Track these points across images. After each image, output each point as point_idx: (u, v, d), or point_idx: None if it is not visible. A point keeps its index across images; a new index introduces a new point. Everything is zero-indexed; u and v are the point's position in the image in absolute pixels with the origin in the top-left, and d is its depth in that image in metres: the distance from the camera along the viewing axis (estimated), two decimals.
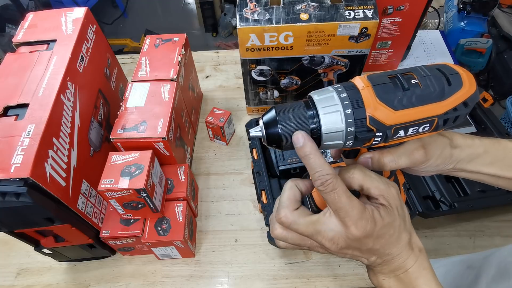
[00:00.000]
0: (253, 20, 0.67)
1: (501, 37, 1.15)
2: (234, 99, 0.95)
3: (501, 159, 0.37)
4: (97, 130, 0.67)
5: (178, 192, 0.66)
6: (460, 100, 0.30)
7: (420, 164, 0.36)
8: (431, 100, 0.29)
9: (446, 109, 0.30)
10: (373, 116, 0.29)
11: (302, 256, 0.68)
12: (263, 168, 0.70)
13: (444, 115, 0.30)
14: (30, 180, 0.45)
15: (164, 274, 0.68)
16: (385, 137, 0.31)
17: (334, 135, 0.30)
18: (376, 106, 0.29)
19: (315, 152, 0.31)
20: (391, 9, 0.81)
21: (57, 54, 0.59)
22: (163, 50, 0.76)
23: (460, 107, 0.30)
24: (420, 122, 0.30)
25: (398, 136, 0.31)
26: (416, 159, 0.35)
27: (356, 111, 0.29)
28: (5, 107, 0.52)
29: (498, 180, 0.39)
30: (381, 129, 0.30)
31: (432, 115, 0.30)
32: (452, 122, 0.31)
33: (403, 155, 0.34)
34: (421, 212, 0.65)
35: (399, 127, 0.30)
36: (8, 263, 0.70)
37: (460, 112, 0.30)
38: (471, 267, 0.50)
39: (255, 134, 0.33)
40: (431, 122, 0.30)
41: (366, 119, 0.29)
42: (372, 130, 0.30)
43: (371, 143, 0.32)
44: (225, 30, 2.35)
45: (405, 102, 0.29)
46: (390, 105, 0.29)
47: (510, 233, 0.70)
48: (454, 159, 0.37)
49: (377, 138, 0.31)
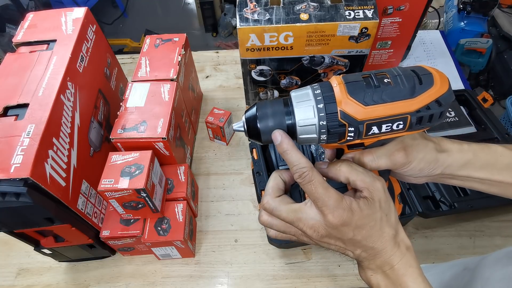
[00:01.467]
0: (253, 20, 0.67)
1: (501, 37, 1.15)
2: (234, 99, 0.95)
3: (492, 164, 0.37)
4: (97, 130, 0.67)
5: (178, 192, 0.66)
6: (431, 98, 0.31)
7: (401, 166, 0.36)
8: (401, 97, 0.31)
9: (418, 106, 0.31)
10: (343, 111, 0.31)
11: (302, 256, 0.68)
12: (263, 168, 0.70)
13: (417, 113, 0.31)
14: (30, 180, 0.45)
15: (164, 274, 0.68)
16: (358, 133, 0.32)
17: (307, 128, 0.32)
18: (346, 102, 0.31)
19: (292, 147, 0.34)
20: (391, 9, 0.81)
21: (57, 54, 0.59)
22: (163, 50, 0.76)
23: (433, 105, 0.31)
24: (392, 119, 0.31)
25: (372, 132, 0.32)
26: (397, 160, 0.35)
27: (327, 105, 0.31)
28: (5, 107, 0.52)
29: (490, 186, 0.38)
30: (353, 124, 0.31)
31: (403, 111, 0.31)
32: (427, 122, 0.32)
33: (383, 155, 0.35)
34: (421, 212, 0.65)
35: (371, 123, 0.31)
36: (8, 263, 0.70)
37: (434, 111, 0.31)
38: (467, 269, 0.50)
39: (237, 128, 0.35)
40: (404, 120, 0.31)
41: (337, 113, 0.31)
42: (344, 125, 0.31)
43: (346, 139, 0.33)
44: (225, 30, 2.35)
45: (375, 98, 0.31)
46: (360, 101, 0.31)
47: (510, 233, 0.70)
48: (441, 164, 0.37)
49: (350, 133, 0.32)
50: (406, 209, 0.66)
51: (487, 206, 0.68)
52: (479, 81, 1.12)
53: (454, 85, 0.95)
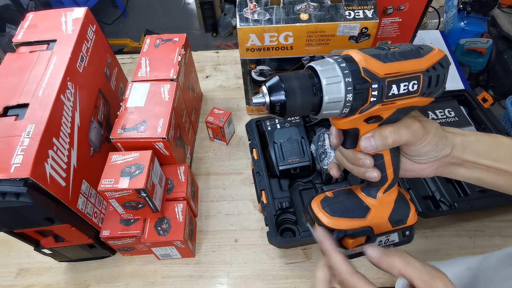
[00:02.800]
0: (253, 20, 0.67)
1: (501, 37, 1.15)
2: (234, 99, 0.95)
3: (495, 149, 0.37)
4: (97, 130, 0.67)
5: (178, 192, 0.66)
6: (435, 59, 0.33)
7: (420, 138, 0.35)
8: (412, 56, 0.33)
9: (427, 65, 0.33)
10: (366, 67, 0.31)
11: (302, 256, 0.68)
12: (263, 168, 0.70)
13: (427, 72, 0.33)
14: (30, 180, 0.45)
15: (164, 274, 0.68)
16: (381, 91, 0.32)
17: (333, 105, 0.32)
18: (367, 59, 0.32)
19: (332, 250, 0.35)
20: (391, 9, 0.81)
21: (57, 54, 0.59)
22: (163, 50, 0.76)
23: (438, 66, 0.33)
24: (408, 77, 0.32)
25: (392, 93, 0.32)
26: (416, 130, 0.35)
27: (349, 64, 0.32)
28: (5, 107, 0.52)
29: (497, 175, 0.38)
30: (376, 80, 0.32)
31: (416, 69, 0.32)
32: (434, 85, 0.34)
33: (402, 126, 0.35)
34: (421, 212, 0.65)
35: (391, 80, 0.32)
36: (8, 263, 0.70)
37: (439, 72, 0.33)
38: (469, 269, 0.50)
39: (258, 101, 0.32)
40: (418, 79, 0.33)
41: (360, 70, 0.31)
42: (369, 82, 0.32)
43: (370, 101, 0.32)
44: (225, 30, 2.35)
45: (390, 57, 0.32)
46: (378, 58, 0.32)
47: (510, 233, 0.70)
48: (450, 142, 0.37)
49: (374, 91, 0.32)
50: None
51: (487, 206, 0.68)
52: (479, 81, 1.12)
53: (454, 85, 0.95)
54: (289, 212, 0.67)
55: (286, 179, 0.73)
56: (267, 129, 0.75)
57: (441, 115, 0.80)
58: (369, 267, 0.67)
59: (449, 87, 0.91)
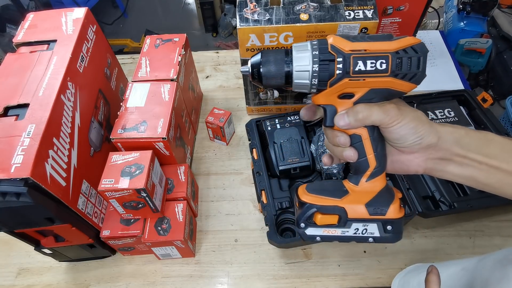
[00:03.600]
0: (253, 20, 0.67)
1: (501, 37, 1.15)
2: (234, 99, 0.96)
3: (486, 146, 0.37)
4: (98, 130, 0.67)
5: (178, 192, 0.66)
6: (407, 42, 0.35)
7: (394, 118, 0.36)
8: (381, 39, 0.36)
9: (396, 47, 0.35)
10: (333, 43, 0.36)
11: (302, 256, 0.69)
12: (263, 168, 0.70)
13: (396, 54, 0.35)
14: (31, 180, 0.45)
15: (164, 274, 0.68)
16: (346, 66, 0.35)
17: (302, 74, 0.37)
18: (335, 38, 0.36)
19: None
20: (391, 9, 0.81)
21: (58, 54, 0.59)
22: (163, 50, 0.76)
23: (410, 50, 0.35)
24: (375, 55, 0.35)
25: (359, 69, 0.35)
26: (388, 109, 0.36)
27: (320, 41, 0.36)
28: (5, 107, 0.52)
29: (488, 173, 0.37)
30: (341, 54, 0.35)
31: (384, 49, 0.35)
32: (407, 67, 0.35)
33: (375, 105, 0.36)
34: (421, 212, 0.65)
35: (357, 56, 0.35)
36: (8, 263, 0.70)
37: (411, 54, 0.35)
38: (465, 269, 0.50)
39: (244, 70, 0.40)
40: (386, 59, 0.35)
41: (327, 46, 0.36)
42: (333, 56, 0.35)
43: (336, 74, 0.36)
44: (225, 30, 2.35)
45: (359, 38, 0.36)
46: (347, 38, 0.36)
47: (510, 233, 0.70)
48: (434, 131, 0.37)
49: (339, 64, 0.35)
50: (406, 209, 0.66)
51: (486, 206, 0.68)
52: (478, 81, 1.12)
53: (454, 85, 0.95)
54: (289, 212, 0.68)
55: (286, 179, 0.73)
56: (267, 129, 0.76)
57: (440, 115, 0.80)
58: (369, 267, 0.68)
59: (449, 87, 0.91)
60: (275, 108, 0.90)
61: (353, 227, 0.42)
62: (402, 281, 0.62)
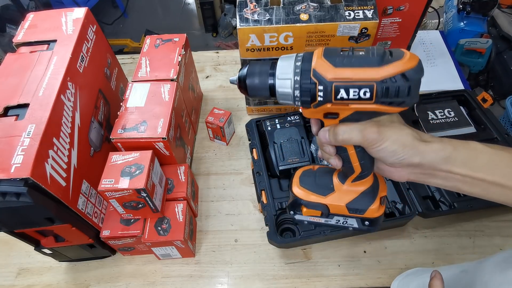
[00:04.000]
0: (253, 21, 0.67)
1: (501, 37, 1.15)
2: (234, 99, 0.96)
3: (472, 159, 0.37)
4: (97, 130, 0.67)
5: (178, 192, 0.66)
6: (398, 69, 0.32)
7: (372, 142, 0.36)
8: (369, 64, 0.32)
9: (383, 75, 0.32)
10: (315, 69, 0.34)
11: (302, 256, 0.69)
12: (263, 168, 0.70)
13: (382, 83, 0.32)
14: (31, 180, 0.45)
15: (164, 274, 0.68)
16: (327, 93, 0.34)
17: (284, 96, 0.37)
18: (319, 62, 0.34)
19: None
20: (391, 9, 0.81)
21: (58, 54, 0.59)
22: (163, 50, 0.76)
23: (399, 78, 0.32)
24: (358, 85, 0.33)
25: (341, 97, 0.34)
26: (368, 135, 0.35)
27: (304, 64, 0.35)
28: (5, 107, 0.52)
29: (472, 185, 0.37)
30: (322, 82, 0.34)
31: (369, 78, 0.32)
32: (394, 96, 0.32)
33: (356, 129, 0.36)
34: (421, 212, 0.65)
35: (339, 85, 0.33)
36: (8, 263, 0.70)
37: (399, 84, 0.32)
38: (464, 271, 0.50)
39: (232, 79, 0.42)
40: (371, 88, 0.33)
41: (310, 71, 0.34)
42: (315, 83, 0.34)
43: (318, 100, 0.35)
44: (225, 30, 2.35)
45: (345, 62, 0.33)
46: (331, 62, 0.33)
47: (509, 233, 0.70)
48: (420, 152, 0.36)
49: (320, 92, 0.34)
50: (406, 209, 0.66)
51: (486, 206, 0.68)
52: (478, 81, 1.12)
53: (454, 85, 0.95)
54: None
55: (286, 179, 0.73)
56: (267, 129, 0.76)
57: (440, 115, 0.80)
58: (369, 267, 0.68)
59: (449, 87, 0.91)
60: (275, 108, 0.90)
61: (334, 218, 0.47)
62: (402, 283, 0.62)
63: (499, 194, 0.37)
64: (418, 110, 0.81)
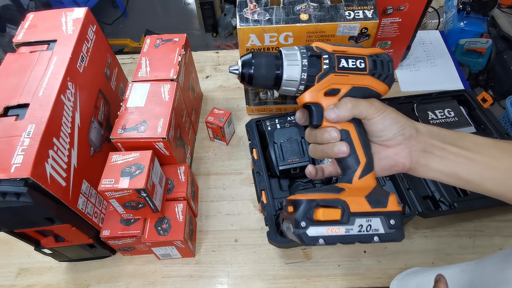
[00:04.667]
0: (253, 21, 0.67)
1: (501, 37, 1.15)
2: (234, 99, 0.96)
3: (459, 140, 0.40)
4: (97, 130, 0.67)
5: (178, 192, 0.66)
6: (376, 51, 0.41)
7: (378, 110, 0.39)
8: (356, 46, 0.41)
9: (369, 52, 0.41)
10: (317, 45, 0.40)
11: (302, 256, 0.69)
12: (263, 168, 0.70)
13: (371, 57, 0.40)
14: (31, 180, 0.45)
15: (164, 274, 0.68)
16: (332, 62, 0.39)
17: (291, 82, 0.39)
18: (318, 43, 0.41)
19: None
20: (391, 9, 0.81)
21: (58, 54, 0.59)
22: (163, 50, 0.76)
23: (381, 55, 0.41)
24: (355, 56, 0.40)
25: (342, 65, 0.39)
26: (375, 104, 0.39)
27: (307, 47, 0.40)
28: (5, 107, 0.52)
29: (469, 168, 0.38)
30: (326, 52, 0.39)
31: (360, 53, 0.40)
32: (380, 68, 0.40)
33: (362, 100, 0.40)
34: (421, 212, 0.65)
35: (340, 55, 0.39)
36: (8, 263, 0.70)
37: (382, 58, 0.41)
38: (463, 271, 0.50)
39: (233, 70, 0.40)
40: (363, 60, 0.40)
41: (313, 48, 0.40)
42: (319, 54, 0.39)
43: (323, 69, 0.39)
44: (225, 30, 2.35)
45: (338, 45, 0.41)
46: (329, 43, 0.41)
47: (509, 233, 0.70)
48: (412, 124, 0.40)
49: (325, 60, 0.39)
50: (406, 209, 0.66)
51: (486, 206, 0.68)
52: (478, 81, 1.12)
53: (454, 85, 0.95)
54: None
55: (286, 179, 0.73)
56: (267, 129, 0.76)
57: (440, 115, 0.80)
58: (369, 267, 0.68)
59: (449, 87, 0.91)
60: (275, 108, 0.90)
61: (356, 223, 0.39)
62: (401, 283, 0.62)
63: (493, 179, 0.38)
64: (418, 110, 0.81)
